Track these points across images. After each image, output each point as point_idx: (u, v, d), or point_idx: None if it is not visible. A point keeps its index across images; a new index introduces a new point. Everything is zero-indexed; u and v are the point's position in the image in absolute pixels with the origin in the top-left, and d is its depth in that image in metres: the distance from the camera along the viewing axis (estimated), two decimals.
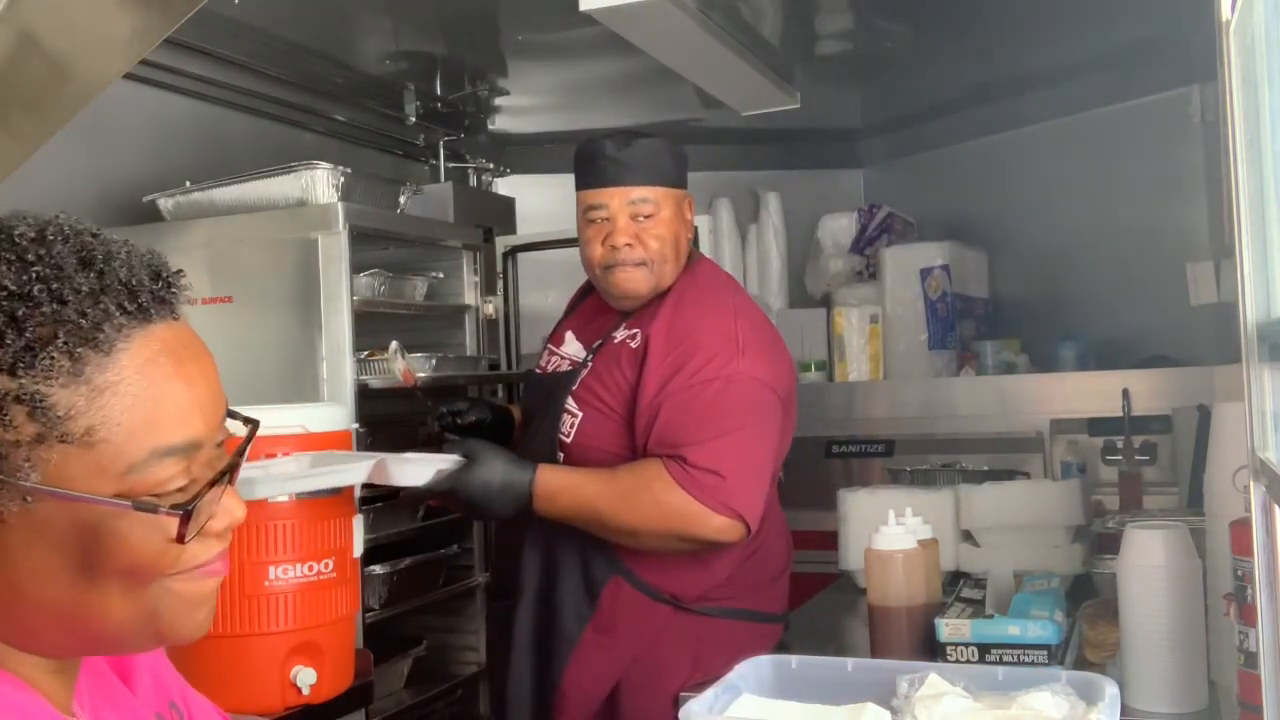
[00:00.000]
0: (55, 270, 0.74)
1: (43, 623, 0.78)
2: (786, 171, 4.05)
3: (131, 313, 0.76)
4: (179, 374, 0.78)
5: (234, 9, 2.33)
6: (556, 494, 1.88)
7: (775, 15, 2.63)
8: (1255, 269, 1.07)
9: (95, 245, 0.78)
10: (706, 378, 1.89)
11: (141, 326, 0.77)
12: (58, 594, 0.76)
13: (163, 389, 0.77)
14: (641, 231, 1.99)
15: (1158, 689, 1.54)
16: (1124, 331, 3.32)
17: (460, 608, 2.85)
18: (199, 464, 0.80)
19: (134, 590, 0.78)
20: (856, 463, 3.31)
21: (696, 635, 1.98)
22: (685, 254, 2.07)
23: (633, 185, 2.00)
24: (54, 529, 0.74)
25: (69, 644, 0.80)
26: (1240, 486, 1.43)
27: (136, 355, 0.76)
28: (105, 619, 0.78)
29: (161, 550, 0.78)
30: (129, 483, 0.75)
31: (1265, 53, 1.00)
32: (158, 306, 0.78)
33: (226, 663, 1.74)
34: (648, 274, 2.01)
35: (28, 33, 1.42)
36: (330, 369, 2.35)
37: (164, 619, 0.80)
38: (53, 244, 0.76)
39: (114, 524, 0.75)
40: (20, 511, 0.73)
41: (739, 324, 1.95)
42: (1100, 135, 3.47)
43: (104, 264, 0.77)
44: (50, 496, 0.73)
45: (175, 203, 2.57)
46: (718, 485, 1.81)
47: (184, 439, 0.78)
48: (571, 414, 2.01)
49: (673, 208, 2.02)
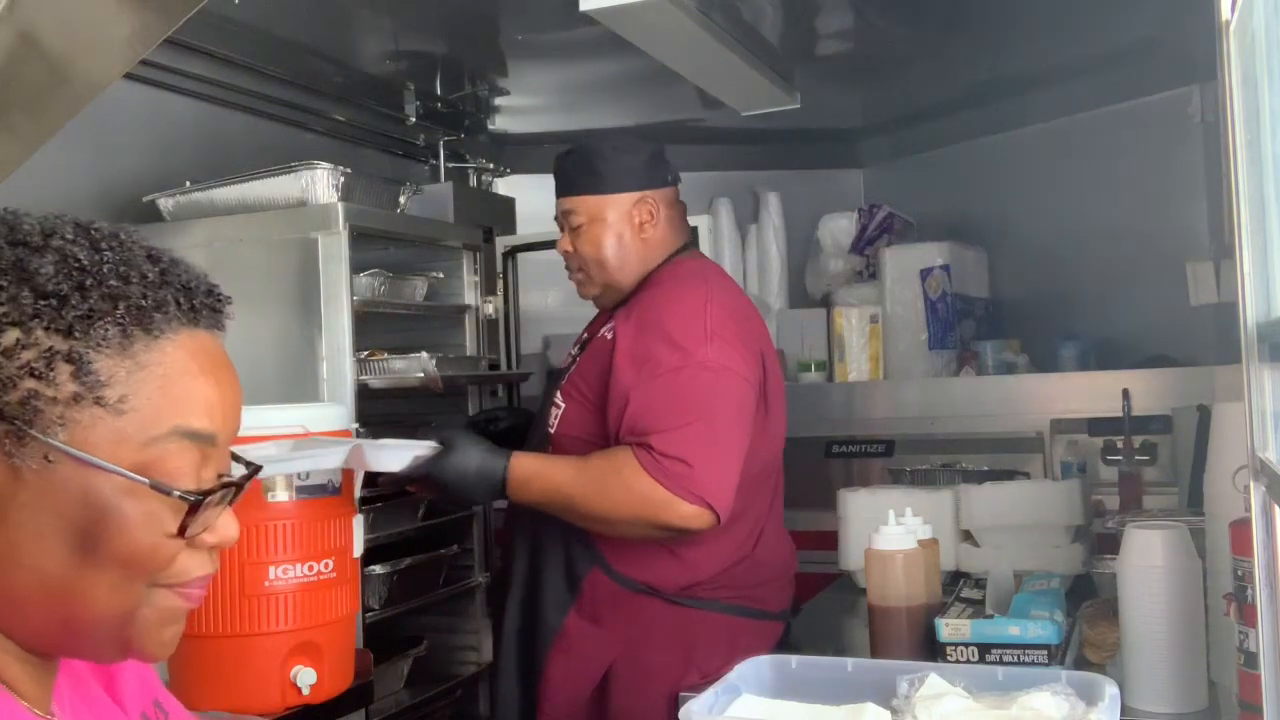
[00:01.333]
0: (125, 256, 0.82)
1: (30, 596, 0.79)
2: (786, 171, 4.05)
3: (184, 311, 0.83)
4: (211, 374, 0.84)
5: (234, 9, 2.33)
6: (529, 480, 1.92)
7: (775, 15, 2.63)
8: (1255, 269, 1.07)
9: (162, 251, 0.86)
10: (674, 366, 1.90)
11: (189, 326, 0.83)
12: (52, 566, 0.78)
13: (194, 380, 0.82)
14: (575, 241, 2.10)
15: (1158, 689, 1.54)
16: (1124, 331, 3.32)
17: (460, 608, 2.85)
18: (209, 468, 0.83)
19: (122, 585, 0.80)
20: (856, 463, 3.31)
21: (688, 631, 1.98)
22: (644, 252, 2.08)
23: (561, 197, 2.12)
24: (65, 495, 0.78)
25: (46, 626, 0.81)
26: (1240, 486, 1.43)
27: (179, 347, 0.82)
28: (88, 606, 0.80)
29: (157, 545, 0.80)
30: (147, 455, 0.79)
31: (1265, 53, 1.00)
32: (207, 314, 0.85)
33: (226, 663, 1.75)
34: (588, 280, 2.11)
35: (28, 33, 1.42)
36: (330, 369, 2.35)
37: (137, 626, 0.82)
38: (125, 240, 0.83)
39: (121, 502, 0.79)
40: (39, 470, 0.77)
41: (709, 312, 1.95)
42: (1100, 135, 3.47)
43: (168, 265, 0.85)
44: (71, 459, 0.77)
45: (175, 203, 2.57)
46: (685, 473, 1.82)
47: (204, 427, 0.82)
48: (558, 406, 2.07)
49: (613, 212, 2.07)
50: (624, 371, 1.94)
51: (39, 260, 0.78)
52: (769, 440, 2.05)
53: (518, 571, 2.10)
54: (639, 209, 2.08)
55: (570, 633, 2.02)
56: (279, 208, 2.46)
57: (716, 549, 1.98)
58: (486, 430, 2.25)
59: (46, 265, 0.78)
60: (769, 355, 2.07)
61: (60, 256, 0.79)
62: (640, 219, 2.08)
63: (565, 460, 1.96)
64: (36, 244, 0.80)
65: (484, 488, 1.93)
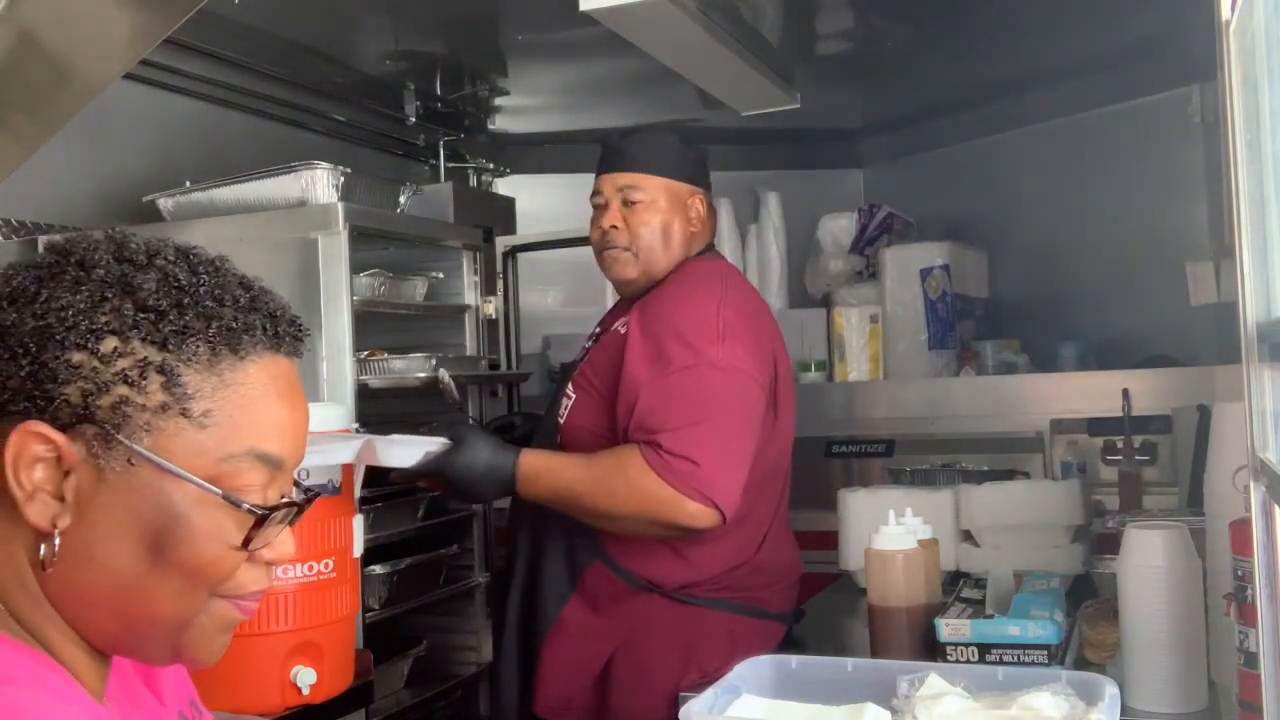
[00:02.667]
0: (221, 280, 0.88)
1: (99, 594, 0.84)
2: (786, 171, 4.05)
3: (270, 337, 0.88)
4: (289, 400, 0.89)
5: (234, 9, 2.33)
6: (537, 477, 1.94)
7: (775, 15, 2.63)
8: (1255, 269, 1.07)
9: (253, 280, 0.92)
10: (684, 364, 1.90)
11: (272, 351, 0.89)
12: (122, 566, 0.83)
13: (273, 404, 0.88)
14: (630, 217, 2.07)
15: (1158, 689, 1.54)
16: (1124, 331, 3.31)
17: (460, 608, 2.84)
18: (273, 489, 0.89)
19: (185, 593, 0.85)
20: (856, 463, 3.31)
21: (688, 630, 1.99)
22: (683, 247, 2.09)
23: (623, 172, 2.09)
24: (142, 499, 0.82)
25: (109, 625, 0.85)
26: (1240, 486, 1.43)
27: (262, 371, 0.87)
28: (150, 608, 0.84)
29: (221, 556, 0.85)
30: (220, 470, 0.84)
31: (1265, 53, 1.00)
32: (289, 341, 0.91)
33: (227, 663, 1.72)
34: (632, 259, 2.08)
35: (28, 33, 1.42)
36: (330, 369, 2.35)
37: (192, 633, 0.87)
38: (220, 266, 0.89)
39: (192, 511, 0.83)
40: (121, 473, 0.82)
41: (722, 312, 1.95)
42: (1100, 135, 3.46)
43: (259, 293, 0.90)
44: (151, 465, 0.82)
45: (175, 203, 2.57)
46: (692, 472, 1.82)
47: (276, 451, 0.87)
48: (569, 397, 2.08)
49: (669, 199, 2.07)
50: (635, 368, 1.94)
51: (143, 277, 0.84)
52: (777, 442, 2.05)
53: (520, 562, 2.12)
54: (693, 202, 2.11)
55: (568, 622, 2.03)
56: (279, 208, 2.46)
57: (720, 549, 1.98)
58: (503, 437, 2.25)
59: (149, 281, 0.84)
60: (781, 358, 2.07)
61: (162, 275, 0.85)
62: (691, 212, 2.11)
63: (573, 457, 1.96)
64: (141, 262, 0.86)
65: (492, 483, 1.94)
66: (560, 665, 2.04)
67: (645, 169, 2.08)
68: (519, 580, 2.11)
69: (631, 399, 1.92)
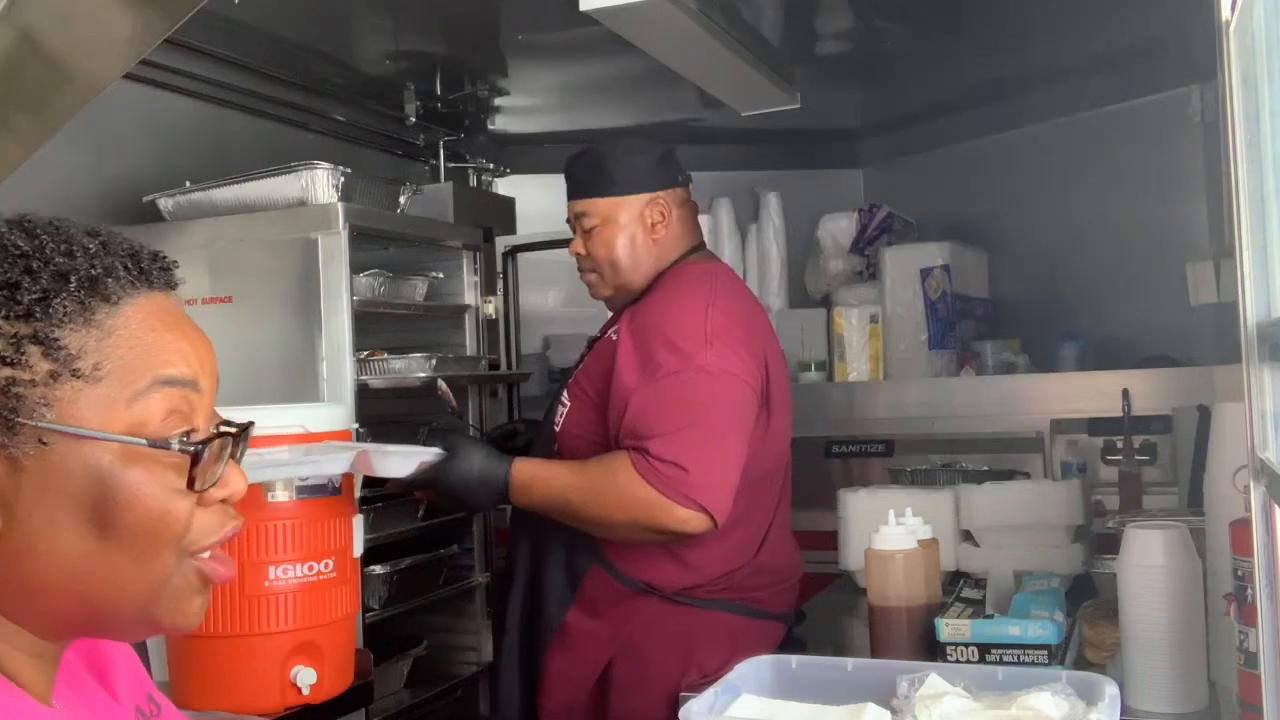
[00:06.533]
0: (64, 235, 0.83)
1: (53, 584, 0.80)
2: (786, 171, 4.05)
3: (135, 275, 0.84)
4: (177, 328, 0.85)
5: (234, 9, 2.33)
6: (529, 485, 1.95)
7: (775, 15, 2.63)
8: (1255, 269, 1.07)
9: (99, 227, 0.86)
10: (673, 369, 1.90)
11: (144, 289, 0.84)
12: (71, 549, 0.79)
13: (163, 335, 0.83)
14: (588, 242, 2.11)
15: (1158, 689, 1.55)
16: (1124, 331, 3.32)
17: (460, 608, 2.85)
18: (199, 417, 0.85)
19: (147, 559, 0.81)
20: (856, 463, 3.31)
21: (688, 631, 1.99)
22: (653, 255, 2.09)
23: (573, 200, 2.13)
24: (68, 475, 0.79)
25: (71, 611, 0.82)
26: (1240, 486, 1.43)
27: (140, 309, 0.83)
28: (113, 585, 0.81)
29: (168, 507, 0.82)
30: (135, 415, 0.80)
31: (1265, 53, 1.00)
32: (158, 274, 0.86)
33: (226, 663, 1.75)
34: (600, 280, 2.13)
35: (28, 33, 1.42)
36: (330, 369, 2.35)
37: (164, 601, 0.84)
38: (60, 224, 0.84)
39: (124, 471, 0.80)
40: (36, 456, 0.78)
41: (710, 315, 1.95)
42: (1100, 135, 3.46)
43: (108, 237, 0.85)
44: (65, 436, 0.78)
45: (175, 203, 2.57)
46: (680, 478, 1.82)
47: (182, 373, 0.83)
48: (564, 404, 2.09)
49: (625, 214, 2.08)
50: (624, 374, 1.94)
51: None
52: (772, 444, 2.05)
53: (520, 567, 2.12)
54: (651, 210, 2.09)
55: (570, 629, 2.03)
56: (279, 208, 2.46)
57: (718, 553, 1.98)
58: (505, 445, 2.26)
59: None
60: (773, 359, 2.06)
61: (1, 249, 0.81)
62: (652, 220, 2.09)
63: (565, 465, 1.97)
64: None
65: (486, 493, 1.96)
66: (563, 672, 2.04)
67: (590, 192, 2.10)
68: (520, 587, 2.12)
69: (621, 405, 1.92)
